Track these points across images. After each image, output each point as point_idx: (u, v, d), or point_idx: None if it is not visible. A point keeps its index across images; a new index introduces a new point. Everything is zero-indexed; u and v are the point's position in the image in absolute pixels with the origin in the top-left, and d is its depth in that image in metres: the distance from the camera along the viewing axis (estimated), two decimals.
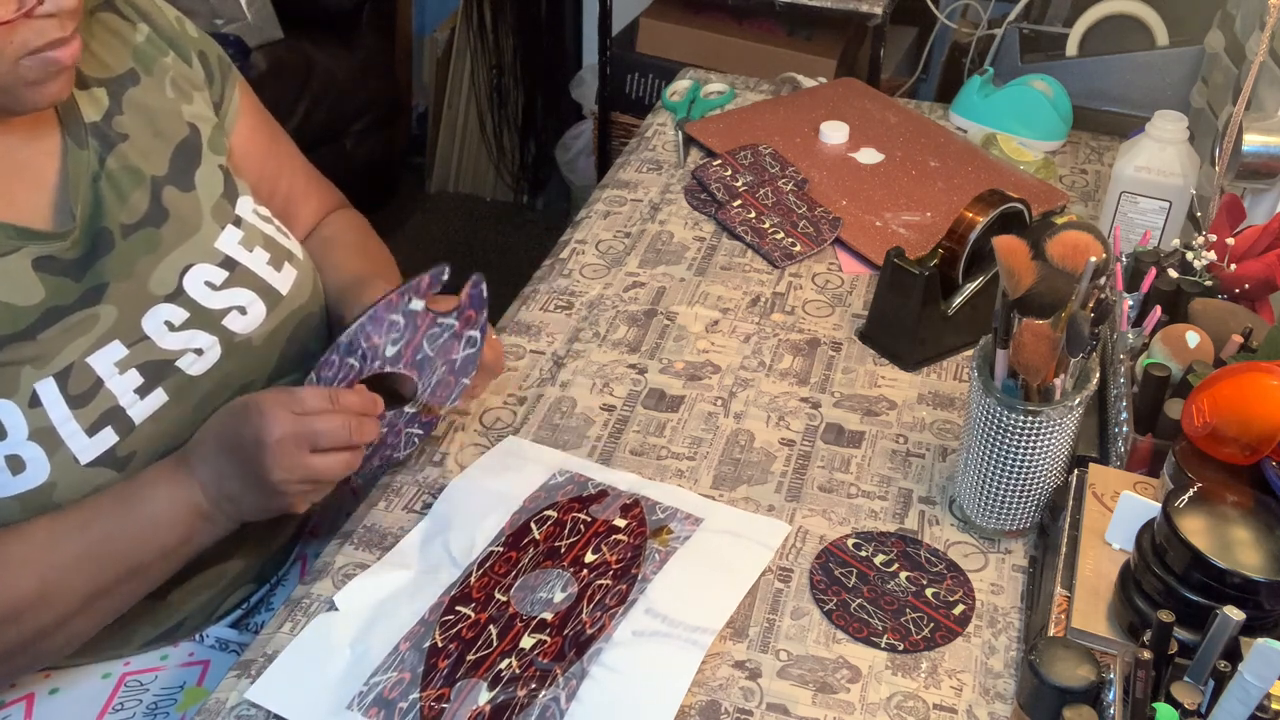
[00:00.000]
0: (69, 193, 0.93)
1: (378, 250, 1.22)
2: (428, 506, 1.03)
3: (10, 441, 0.87)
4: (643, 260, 1.36)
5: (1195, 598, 0.78)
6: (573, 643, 0.89)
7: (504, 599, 0.94)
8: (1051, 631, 0.84)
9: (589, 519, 1.00)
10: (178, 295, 0.97)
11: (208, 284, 0.98)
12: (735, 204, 1.43)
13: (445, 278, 0.97)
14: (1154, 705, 0.71)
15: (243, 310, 1.00)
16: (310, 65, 2.67)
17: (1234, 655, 0.72)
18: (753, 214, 1.42)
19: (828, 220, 1.40)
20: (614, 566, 0.96)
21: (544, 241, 1.36)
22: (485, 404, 1.15)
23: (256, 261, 1.02)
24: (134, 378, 0.93)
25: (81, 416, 0.90)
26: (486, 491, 1.04)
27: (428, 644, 0.90)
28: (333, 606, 0.94)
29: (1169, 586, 0.79)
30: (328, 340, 1.09)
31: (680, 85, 1.72)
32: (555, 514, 1.01)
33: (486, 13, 2.98)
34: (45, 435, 0.88)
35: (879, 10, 2.16)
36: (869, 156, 1.53)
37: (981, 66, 1.72)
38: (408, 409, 1.01)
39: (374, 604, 0.94)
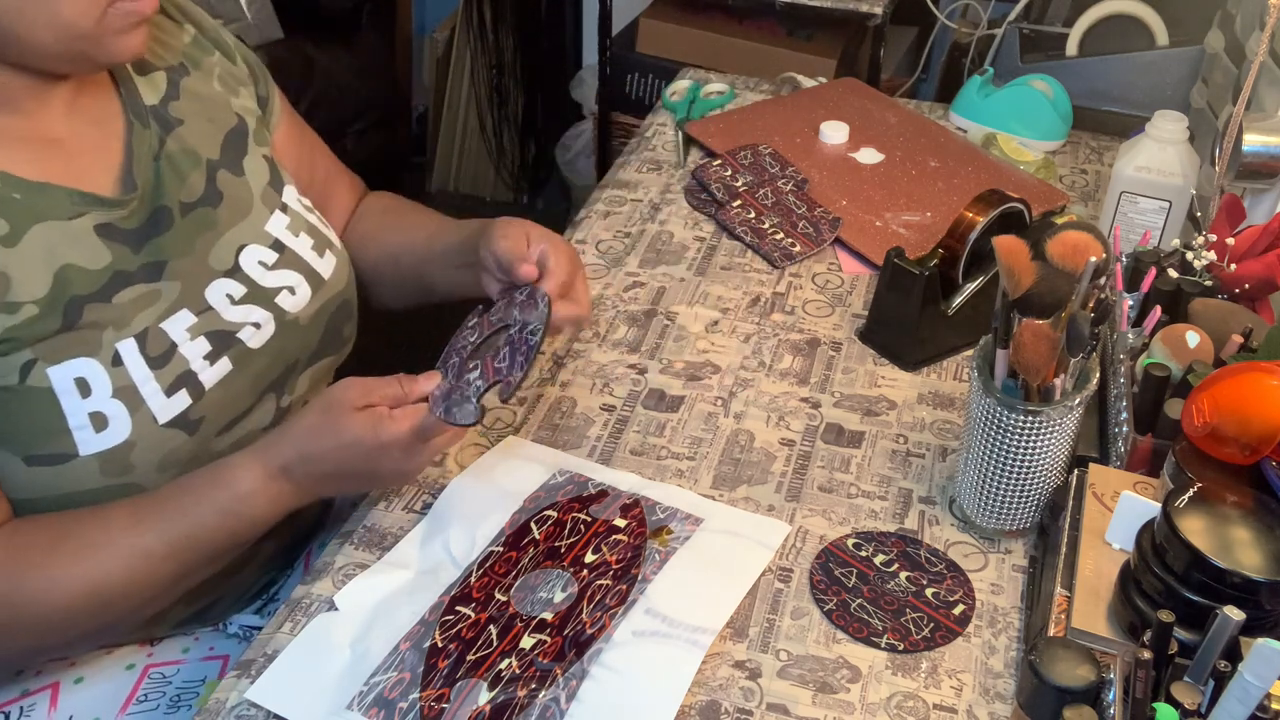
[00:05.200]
0: (133, 167, 0.97)
1: (433, 212, 1.30)
2: (428, 506, 1.03)
3: (94, 399, 0.90)
4: (643, 260, 1.36)
5: (1195, 598, 0.78)
6: (573, 643, 0.89)
7: (504, 599, 0.94)
8: (1051, 631, 0.84)
9: (589, 519, 1.00)
10: (235, 271, 1.02)
11: (261, 263, 1.03)
12: (735, 204, 1.43)
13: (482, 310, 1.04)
14: (1154, 705, 0.71)
15: (292, 290, 1.05)
16: (310, 65, 2.67)
17: (1234, 655, 0.72)
18: (752, 214, 1.41)
19: (827, 220, 1.40)
20: (614, 567, 0.96)
21: None
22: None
23: (302, 246, 1.07)
24: (203, 344, 0.97)
25: (160, 377, 0.94)
26: (486, 491, 1.04)
27: (428, 644, 0.90)
28: (333, 606, 0.94)
29: (1169, 586, 0.79)
30: (358, 323, 1.15)
31: (680, 85, 1.72)
32: (555, 514, 1.01)
33: (486, 13, 2.98)
34: (128, 393, 0.92)
35: (879, 10, 2.16)
36: (869, 156, 1.53)
37: (981, 66, 1.72)
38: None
39: (374, 604, 0.94)
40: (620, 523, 1.00)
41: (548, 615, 0.92)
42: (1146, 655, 0.72)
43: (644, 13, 2.55)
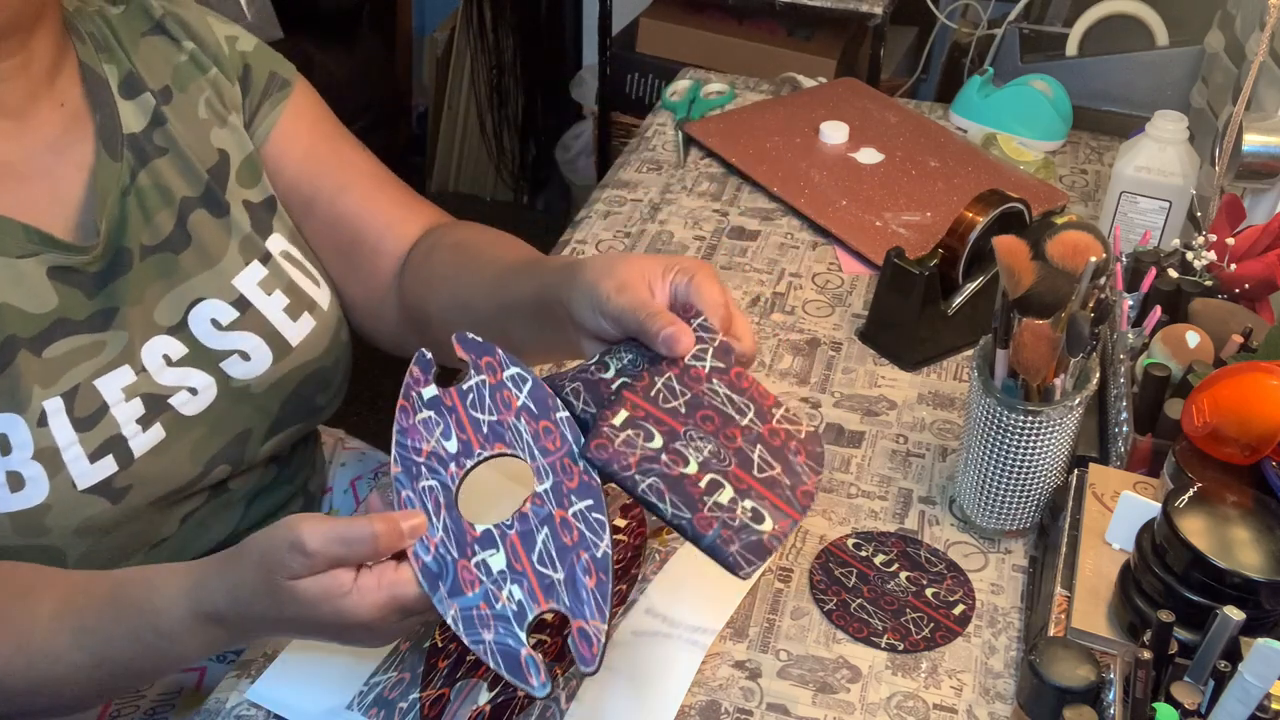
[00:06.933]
0: (95, 205, 0.91)
1: (517, 245, 1.04)
2: None
3: (14, 458, 0.86)
4: None
5: (1195, 598, 0.78)
6: None
7: None
8: (1051, 631, 0.84)
9: None
10: (179, 329, 0.94)
11: (214, 322, 0.95)
12: (614, 420, 0.74)
13: (430, 358, 0.79)
14: (1154, 705, 0.71)
15: (245, 356, 0.96)
16: (310, 65, 2.66)
17: (1234, 655, 0.72)
18: (656, 442, 0.74)
19: (802, 444, 0.76)
20: (614, 566, 0.96)
21: (544, 241, 1.35)
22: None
23: (272, 307, 0.98)
24: (137, 407, 0.91)
25: (86, 440, 0.88)
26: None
27: (428, 644, 0.90)
28: None
29: (1169, 586, 0.79)
30: (338, 394, 1.04)
31: (680, 85, 1.72)
32: None
33: (486, 13, 2.98)
34: (49, 456, 0.86)
35: (879, 10, 2.16)
36: (869, 156, 1.53)
37: (981, 66, 1.72)
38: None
39: None
40: (620, 522, 1.00)
41: (548, 615, 0.92)
42: (1146, 655, 0.72)
43: (644, 13, 2.55)
